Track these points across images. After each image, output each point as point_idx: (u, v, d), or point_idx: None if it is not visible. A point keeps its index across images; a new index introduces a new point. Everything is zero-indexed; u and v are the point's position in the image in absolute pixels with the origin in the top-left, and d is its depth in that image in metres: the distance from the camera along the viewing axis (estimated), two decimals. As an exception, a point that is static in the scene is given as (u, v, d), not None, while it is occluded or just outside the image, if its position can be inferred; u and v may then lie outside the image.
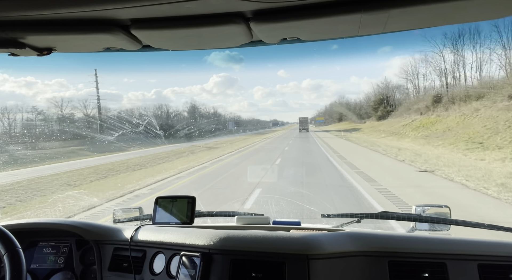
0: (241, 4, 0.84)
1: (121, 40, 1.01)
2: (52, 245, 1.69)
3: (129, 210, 1.97)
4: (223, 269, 1.23)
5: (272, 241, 1.24)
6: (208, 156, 19.86)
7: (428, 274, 1.18)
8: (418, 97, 39.88)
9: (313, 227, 1.58)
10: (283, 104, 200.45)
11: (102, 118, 38.96)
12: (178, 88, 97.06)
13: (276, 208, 6.53)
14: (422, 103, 34.49)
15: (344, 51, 72.29)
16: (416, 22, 0.95)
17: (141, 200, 8.44)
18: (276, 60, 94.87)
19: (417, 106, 35.31)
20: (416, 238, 1.29)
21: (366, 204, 7.21)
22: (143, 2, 0.80)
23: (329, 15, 0.87)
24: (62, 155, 24.03)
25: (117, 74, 73.89)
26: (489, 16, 0.93)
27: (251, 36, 1.01)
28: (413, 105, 37.37)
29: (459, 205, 6.87)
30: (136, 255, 1.50)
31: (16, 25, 0.94)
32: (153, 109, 58.55)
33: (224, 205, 7.32)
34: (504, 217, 6.35)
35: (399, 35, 45.41)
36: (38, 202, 9.20)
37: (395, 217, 1.60)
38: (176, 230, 1.47)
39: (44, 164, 19.94)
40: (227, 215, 1.83)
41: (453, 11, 0.87)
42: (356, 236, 1.29)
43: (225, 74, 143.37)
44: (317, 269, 1.17)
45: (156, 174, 13.16)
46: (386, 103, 49.97)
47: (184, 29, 0.95)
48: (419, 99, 38.32)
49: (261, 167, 13.70)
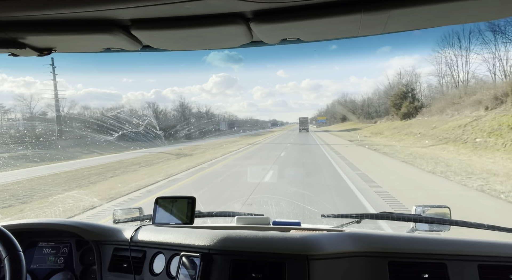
0: (241, 5, 0.84)
1: (121, 41, 1.01)
2: (52, 245, 1.69)
3: (129, 210, 1.97)
4: (223, 269, 1.23)
5: (272, 242, 1.24)
6: (162, 173, 12.95)
7: (428, 274, 1.18)
8: (468, 88, 28.56)
9: (313, 227, 1.58)
10: (283, 104, 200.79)
11: (64, 119, 34.66)
12: (177, 88, 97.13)
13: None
14: (489, 93, 22.16)
15: (344, 51, 72.12)
16: (416, 22, 0.95)
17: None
18: (275, 60, 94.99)
19: (476, 98, 23.31)
20: (416, 239, 1.29)
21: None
22: (143, 3, 0.80)
23: (329, 16, 0.88)
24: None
25: (116, 74, 73.60)
26: (490, 17, 0.93)
27: (251, 37, 1.01)
28: (463, 98, 25.94)
29: None
30: (136, 255, 1.50)
31: (16, 25, 0.95)
32: (141, 108, 51.52)
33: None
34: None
35: (399, 35, 44.53)
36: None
37: (395, 217, 1.60)
38: (176, 230, 1.47)
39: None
40: (227, 215, 1.83)
41: (454, 11, 0.87)
42: (356, 236, 1.29)
43: (224, 74, 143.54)
44: (317, 270, 1.17)
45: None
46: (411, 97, 38.64)
47: (184, 29, 0.95)
48: (472, 89, 26.62)
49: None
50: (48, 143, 26.90)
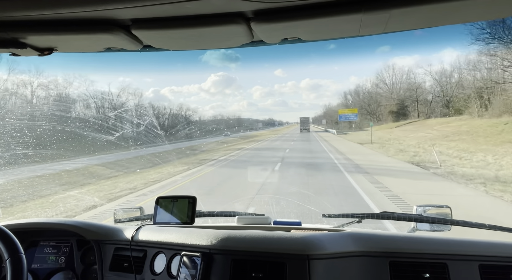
0: (241, 4, 0.84)
1: (122, 40, 1.01)
2: (53, 245, 1.69)
3: (130, 210, 1.98)
4: (223, 269, 1.24)
5: (272, 241, 1.24)
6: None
7: (429, 274, 1.18)
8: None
9: (313, 227, 1.58)
10: (283, 104, 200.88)
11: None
12: (175, 87, 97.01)
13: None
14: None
15: (342, 51, 71.22)
16: (417, 22, 0.95)
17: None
18: (272, 59, 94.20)
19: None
20: (417, 239, 1.29)
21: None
22: (144, 2, 0.80)
23: (330, 15, 0.87)
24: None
25: (113, 73, 72.88)
26: (490, 16, 0.93)
27: (251, 36, 1.01)
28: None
29: None
30: (137, 255, 1.50)
31: (17, 25, 0.95)
32: (95, 105, 39.58)
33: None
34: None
35: (398, 35, 43.11)
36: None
37: (396, 217, 1.60)
38: (176, 230, 1.47)
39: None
40: (227, 215, 1.83)
41: (454, 11, 0.87)
42: (357, 236, 1.29)
43: (223, 73, 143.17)
44: (317, 269, 1.17)
45: None
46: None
47: (185, 29, 0.95)
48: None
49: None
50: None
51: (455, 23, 0.96)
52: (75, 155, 20.54)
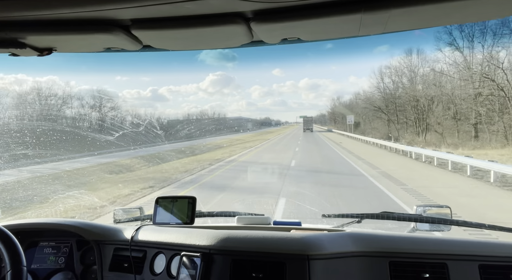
0: (241, 4, 0.83)
1: (122, 40, 1.01)
2: (52, 245, 1.69)
3: (129, 210, 1.97)
4: (223, 269, 1.23)
5: (272, 241, 1.24)
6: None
7: (429, 274, 1.18)
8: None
9: (313, 227, 1.58)
10: (283, 104, 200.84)
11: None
12: (173, 87, 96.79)
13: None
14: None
15: (340, 51, 70.71)
16: (417, 22, 0.95)
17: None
18: (270, 59, 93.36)
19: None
20: (417, 239, 1.29)
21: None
22: (144, 2, 0.80)
23: (329, 15, 0.87)
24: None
25: (110, 72, 71.96)
26: (490, 16, 0.93)
27: (251, 36, 1.01)
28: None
29: None
30: (137, 255, 1.50)
31: (16, 25, 0.95)
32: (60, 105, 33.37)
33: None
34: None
35: (398, 35, 42.68)
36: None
37: (396, 217, 1.60)
38: (176, 230, 1.47)
39: None
40: (227, 215, 1.83)
41: (454, 11, 0.87)
42: (356, 236, 1.29)
43: (221, 72, 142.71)
44: (317, 269, 1.17)
45: None
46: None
47: (184, 29, 0.95)
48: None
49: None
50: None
51: (455, 23, 0.96)
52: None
